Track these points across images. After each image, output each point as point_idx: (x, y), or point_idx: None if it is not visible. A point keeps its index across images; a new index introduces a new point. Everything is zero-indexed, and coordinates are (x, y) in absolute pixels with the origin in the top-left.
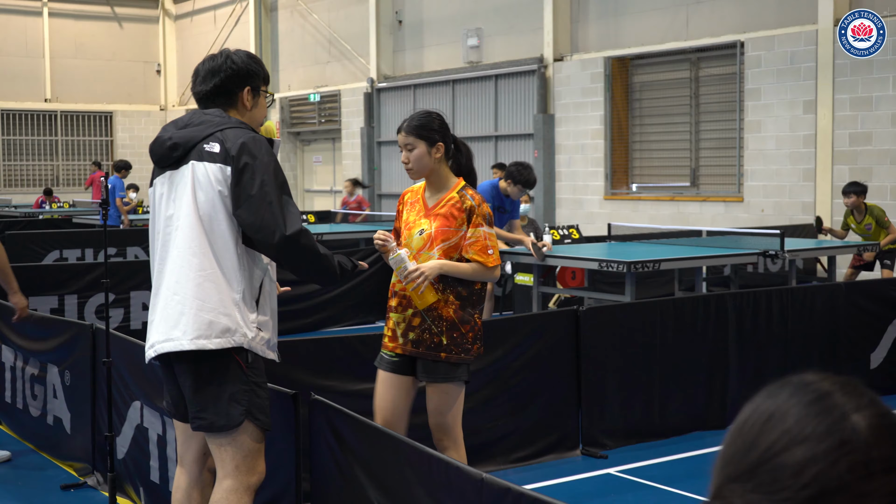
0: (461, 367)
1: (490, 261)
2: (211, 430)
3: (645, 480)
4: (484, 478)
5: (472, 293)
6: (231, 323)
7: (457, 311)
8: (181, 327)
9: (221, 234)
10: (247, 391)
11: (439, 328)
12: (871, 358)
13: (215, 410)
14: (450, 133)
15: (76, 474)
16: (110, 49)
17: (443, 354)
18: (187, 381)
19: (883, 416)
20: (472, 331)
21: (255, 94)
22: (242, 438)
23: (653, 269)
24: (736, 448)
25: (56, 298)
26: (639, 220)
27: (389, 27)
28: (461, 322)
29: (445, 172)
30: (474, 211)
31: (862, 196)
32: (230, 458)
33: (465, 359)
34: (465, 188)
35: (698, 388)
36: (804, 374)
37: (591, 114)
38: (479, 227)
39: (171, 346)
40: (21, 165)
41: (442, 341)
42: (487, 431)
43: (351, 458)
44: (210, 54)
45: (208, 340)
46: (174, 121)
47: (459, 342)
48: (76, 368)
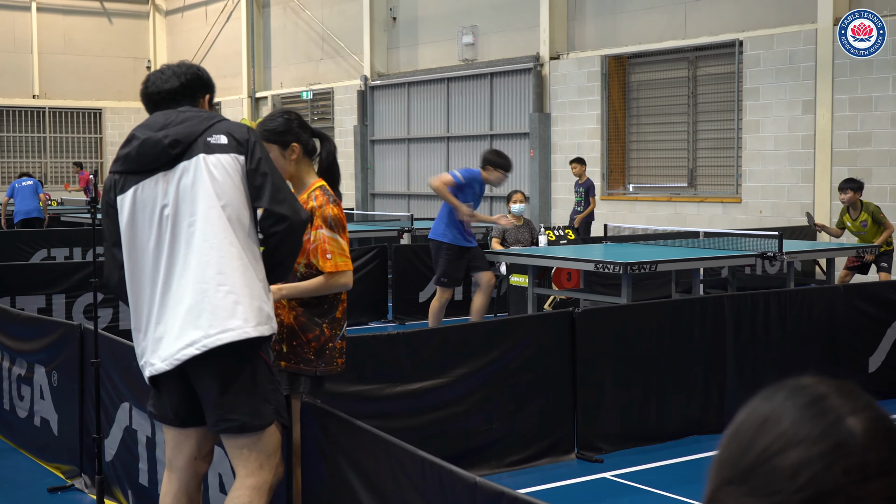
0: (300, 378)
1: (326, 265)
2: (242, 431)
3: (641, 485)
4: (477, 482)
5: (320, 300)
6: (270, 309)
7: (298, 317)
8: (240, 316)
9: (244, 223)
10: (274, 390)
11: (279, 335)
12: (870, 361)
13: (249, 410)
14: (309, 130)
15: (63, 476)
16: (100, 45)
17: (282, 363)
18: (214, 382)
19: (879, 420)
20: (315, 340)
21: (211, 106)
22: (268, 437)
23: (649, 270)
24: (731, 451)
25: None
26: (635, 221)
27: (383, 24)
28: (302, 330)
29: (304, 173)
30: (314, 213)
31: (858, 192)
32: (255, 458)
33: (305, 370)
34: (316, 189)
35: (695, 392)
36: (801, 378)
37: (587, 113)
38: (318, 230)
39: (234, 335)
40: (8, 162)
41: (282, 349)
42: (481, 434)
43: (342, 460)
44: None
45: (266, 327)
46: (147, 123)
47: (298, 351)
48: (64, 369)
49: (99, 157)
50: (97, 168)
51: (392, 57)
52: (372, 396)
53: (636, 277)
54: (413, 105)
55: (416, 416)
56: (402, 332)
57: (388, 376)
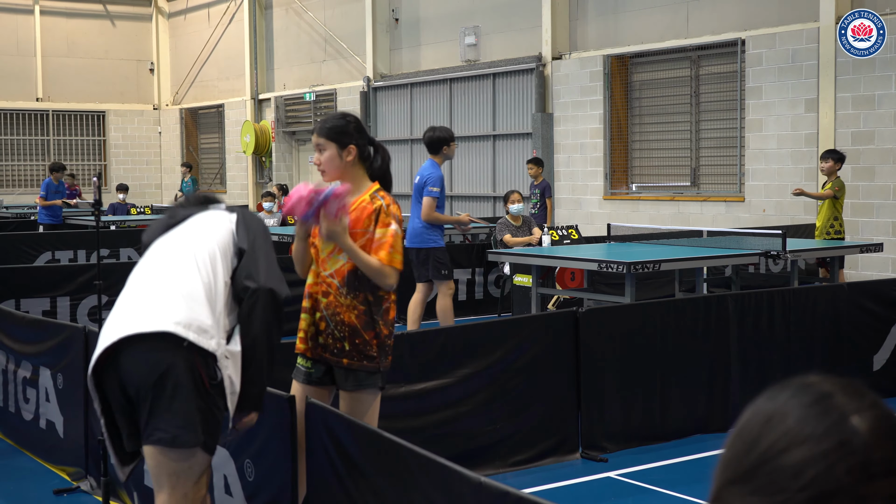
0: (370, 375)
1: (389, 259)
2: (172, 445)
3: (645, 484)
4: (482, 481)
5: (380, 301)
6: (213, 331)
7: (360, 315)
8: (169, 314)
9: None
10: (205, 410)
11: (341, 333)
12: (874, 360)
13: (180, 425)
14: (366, 136)
15: (69, 479)
16: (103, 47)
17: (344, 360)
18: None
19: (884, 419)
20: (376, 338)
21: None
22: (195, 459)
23: (653, 269)
24: (736, 450)
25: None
26: (639, 221)
27: (386, 25)
28: (364, 328)
29: (358, 176)
30: (382, 210)
31: (838, 164)
32: (175, 479)
33: (368, 366)
34: (377, 191)
35: (699, 391)
36: (806, 376)
37: (590, 113)
38: (387, 227)
39: (155, 324)
40: (12, 166)
41: (344, 346)
42: (486, 434)
43: (348, 461)
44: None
45: (188, 331)
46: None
47: (362, 349)
48: (69, 371)
49: (102, 160)
50: (100, 170)
51: (394, 58)
52: None
53: (640, 277)
54: (416, 106)
55: (420, 417)
56: (406, 332)
57: (392, 377)
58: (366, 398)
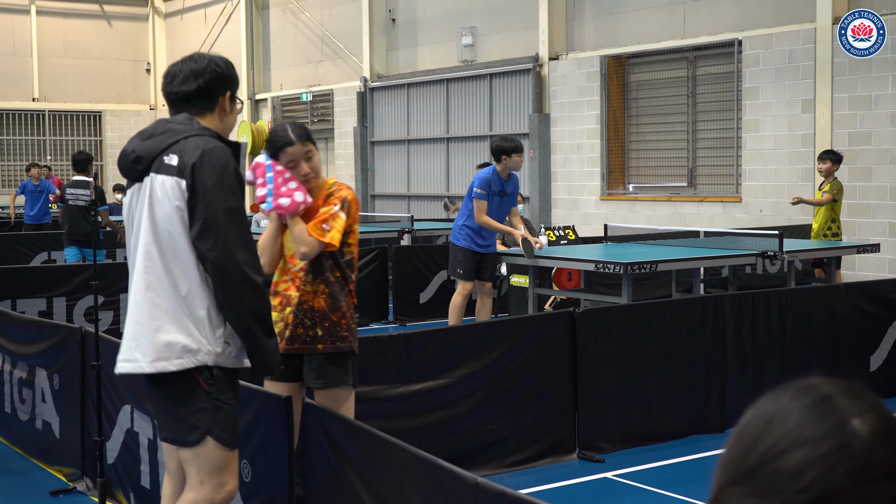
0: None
1: (314, 230)
2: (174, 443)
3: (642, 485)
4: (479, 482)
5: (344, 284)
6: (192, 342)
7: (326, 299)
8: (141, 349)
9: (181, 251)
10: (208, 410)
11: (311, 320)
12: (871, 360)
13: (176, 428)
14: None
15: (65, 479)
16: (99, 48)
17: (319, 346)
18: (150, 399)
19: (884, 421)
20: (343, 318)
21: (232, 101)
22: (206, 455)
23: (650, 270)
24: (736, 451)
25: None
26: (635, 221)
27: (383, 25)
28: (331, 310)
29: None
30: (334, 193)
31: (836, 165)
32: (195, 473)
33: (342, 347)
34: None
35: (696, 391)
36: (808, 378)
37: (586, 113)
38: (331, 206)
39: (132, 367)
40: (8, 166)
41: (317, 333)
42: (483, 435)
43: (344, 462)
44: (188, 56)
45: (168, 362)
46: (140, 132)
47: (332, 331)
48: (65, 372)
49: (99, 160)
50: (97, 171)
51: (391, 58)
52: (373, 397)
53: (636, 277)
54: (413, 106)
55: (417, 417)
56: (403, 333)
57: (390, 377)
58: (339, 394)
